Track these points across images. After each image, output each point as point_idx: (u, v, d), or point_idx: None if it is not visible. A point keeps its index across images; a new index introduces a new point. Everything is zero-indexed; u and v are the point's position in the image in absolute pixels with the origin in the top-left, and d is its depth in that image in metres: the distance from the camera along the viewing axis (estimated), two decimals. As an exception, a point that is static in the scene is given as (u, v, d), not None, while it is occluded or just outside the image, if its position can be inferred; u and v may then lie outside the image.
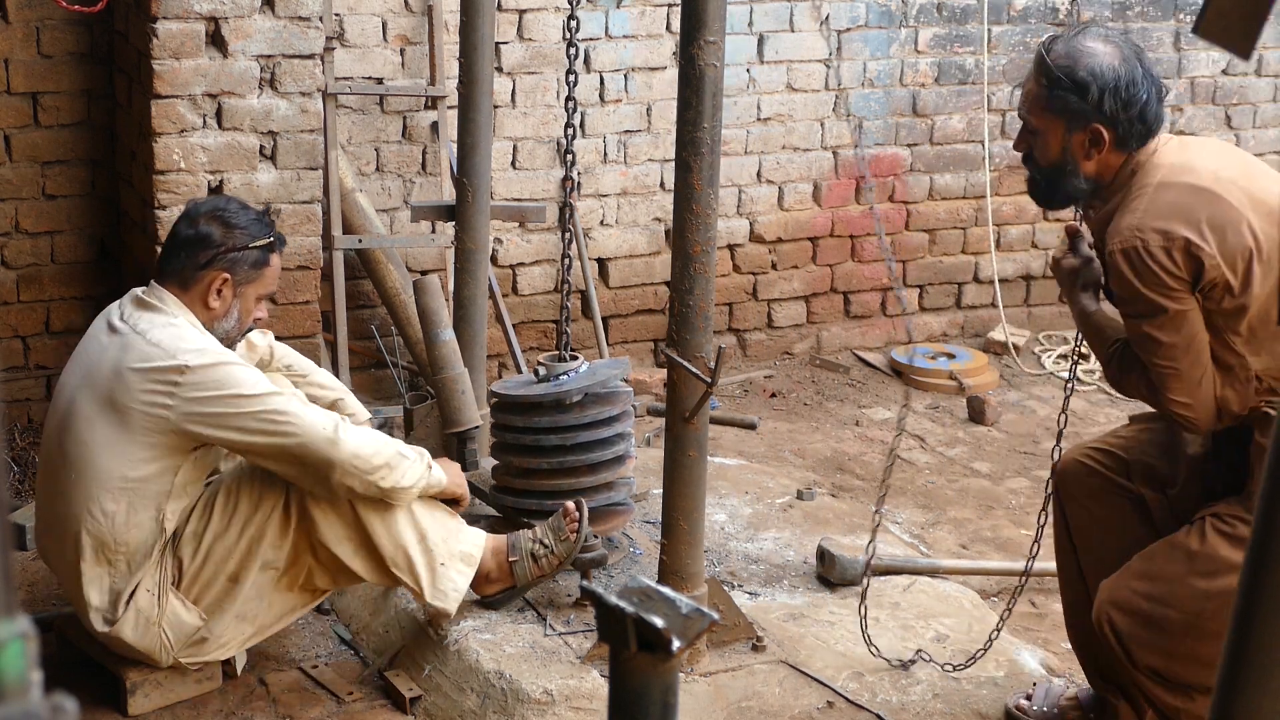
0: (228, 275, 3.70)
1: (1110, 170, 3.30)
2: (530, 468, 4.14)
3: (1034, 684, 3.88)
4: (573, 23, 4.18)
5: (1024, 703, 3.81)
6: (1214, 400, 3.26)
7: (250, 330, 3.85)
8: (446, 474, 3.83)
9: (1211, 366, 3.24)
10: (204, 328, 3.69)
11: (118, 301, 3.76)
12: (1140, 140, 3.26)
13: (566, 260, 4.38)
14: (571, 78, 4.19)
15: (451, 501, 3.87)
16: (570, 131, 4.24)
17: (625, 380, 4.30)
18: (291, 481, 3.67)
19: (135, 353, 3.59)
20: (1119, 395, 6.16)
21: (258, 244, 3.73)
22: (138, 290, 3.73)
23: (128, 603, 3.68)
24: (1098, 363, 6.40)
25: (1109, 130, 3.24)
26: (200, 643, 3.74)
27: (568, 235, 4.44)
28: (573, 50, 4.19)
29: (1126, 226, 3.19)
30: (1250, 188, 3.21)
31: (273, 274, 3.80)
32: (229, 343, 3.73)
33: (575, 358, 4.23)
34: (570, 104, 4.18)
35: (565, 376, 4.14)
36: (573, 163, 4.30)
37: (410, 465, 3.71)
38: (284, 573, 3.74)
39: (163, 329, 3.62)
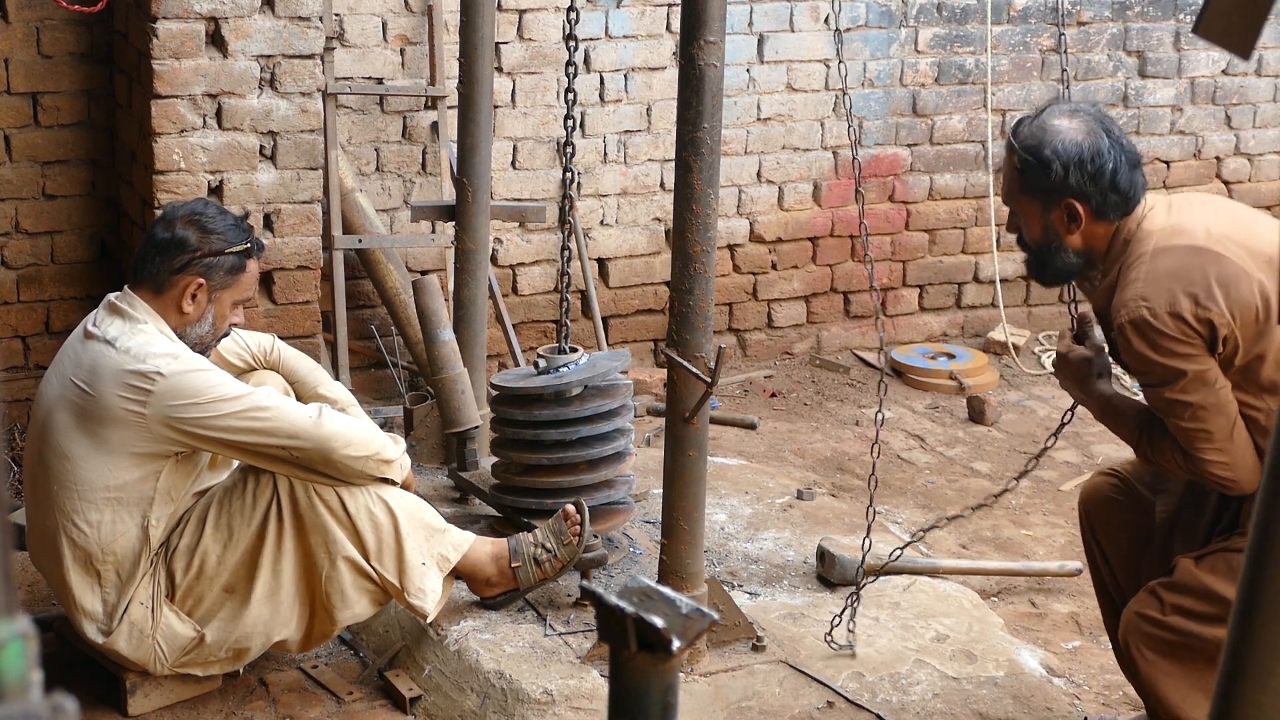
0: (203, 280, 3.67)
1: (1100, 241, 3.31)
2: (530, 463, 4.14)
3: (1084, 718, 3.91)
4: (572, 15, 4.18)
5: None
6: (1252, 456, 3.22)
7: (225, 336, 3.83)
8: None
9: (1241, 421, 3.22)
10: (176, 333, 3.67)
11: (96, 308, 3.75)
12: (1120, 210, 3.27)
13: (566, 253, 4.38)
14: (571, 69, 4.20)
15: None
16: (570, 124, 4.24)
17: (624, 373, 4.30)
18: (294, 476, 3.66)
19: (106, 361, 3.57)
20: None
21: (234, 249, 3.70)
22: (112, 296, 3.71)
23: (122, 616, 3.68)
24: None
25: (1082, 204, 3.26)
26: (197, 648, 3.73)
27: (567, 228, 4.44)
28: (572, 43, 4.19)
29: (1130, 298, 3.18)
30: (1246, 240, 3.21)
31: (249, 280, 3.77)
32: (203, 348, 3.71)
33: (574, 350, 4.23)
34: (570, 96, 4.19)
35: (565, 369, 4.14)
36: (572, 155, 4.29)
37: (390, 439, 3.76)
38: (286, 588, 3.73)
39: (131, 336, 3.60)
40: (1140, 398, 3.43)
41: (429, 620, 3.81)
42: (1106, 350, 3.43)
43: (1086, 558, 3.79)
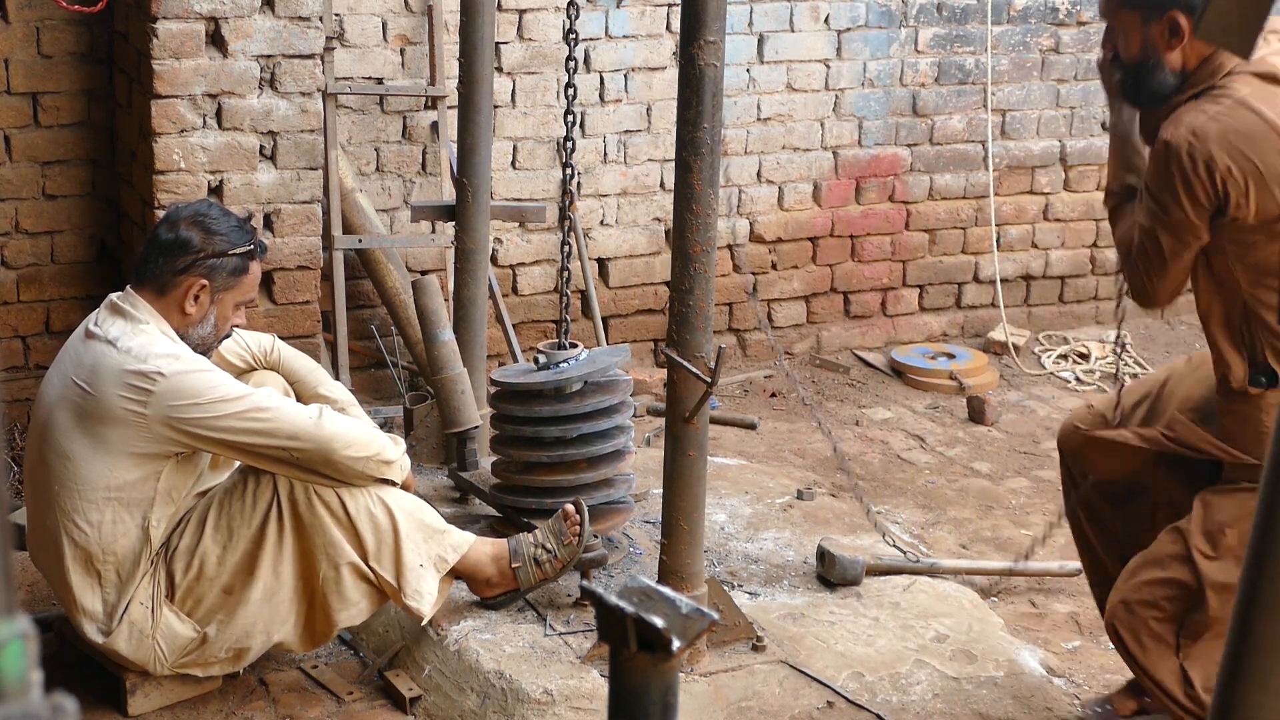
0: (205, 281, 3.68)
1: (1197, 58, 3.23)
2: (530, 461, 4.14)
3: (1083, 709, 3.92)
4: (572, 10, 4.18)
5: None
6: (1171, 295, 3.31)
7: (227, 337, 3.83)
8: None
9: (1181, 271, 3.27)
10: (178, 334, 3.67)
11: (98, 308, 3.75)
12: None
13: (566, 248, 4.38)
14: (572, 65, 4.20)
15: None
16: (570, 120, 4.24)
17: (623, 369, 4.30)
18: (295, 477, 3.66)
19: (107, 361, 3.57)
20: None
21: (237, 251, 3.71)
22: (114, 296, 3.71)
23: (122, 616, 3.68)
24: (1100, 364, 6.40)
25: (1186, 16, 3.18)
26: (197, 649, 3.73)
27: (567, 224, 4.44)
28: (573, 37, 4.19)
29: (1187, 124, 3.14)
30: None
31: (252, 281, 3.78)
32: (204, 349, 3.72)
33: (574, 346, 4.23)
34: (570, 91, 4.19)
35: (565, 364, 4.14)
36: (572, 150, 4.28)
37: (390, 440, 3.76)
38: (286, 589, 3.73)
39: (133, 337, 3.60)
40: None
41: (424, 622, 3.82)
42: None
43: (1065, 503, 3.83)
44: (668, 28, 5.89)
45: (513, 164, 5.79)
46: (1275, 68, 3.23)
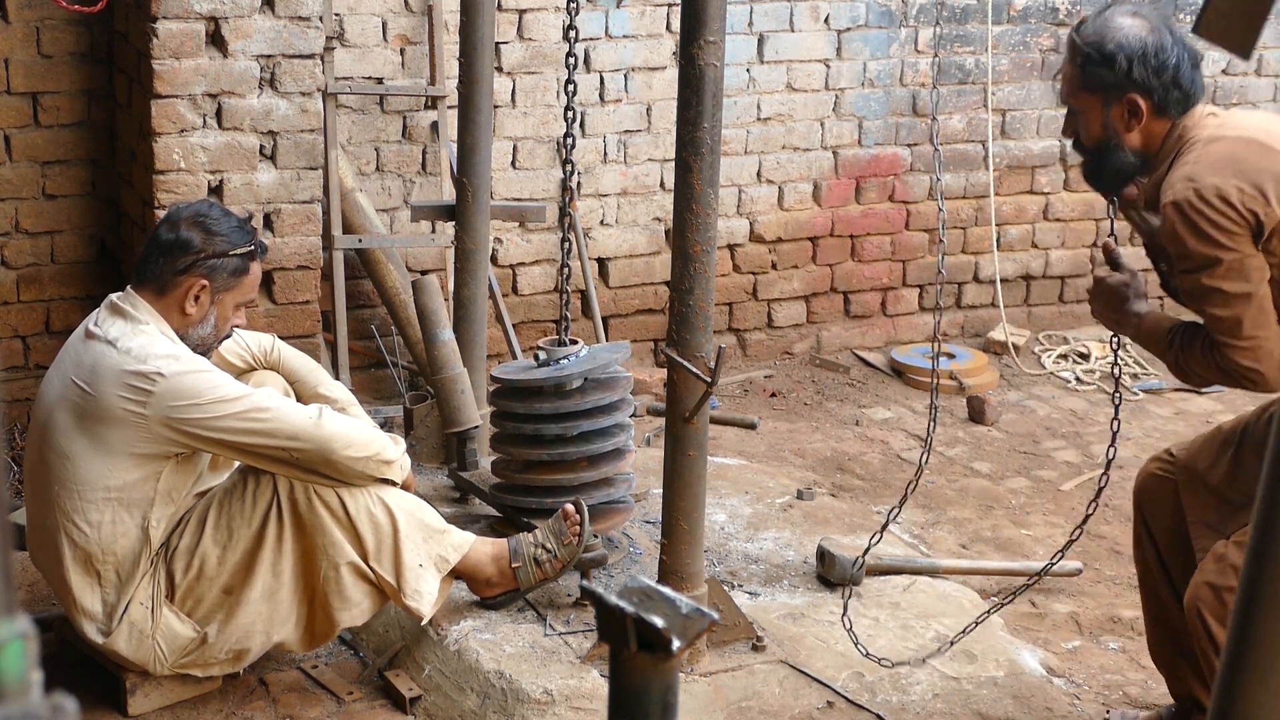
0: (206, 282, 3.68)
1: (1156, 139, 3.32)
2: (530, 459, 4.14)
3: (1107, 712, 3.88)
4: (573, 5, 4.17)
5: None
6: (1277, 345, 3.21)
7: (227, 337, 3.83)
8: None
9: (1275, 315, 3.20)
10: (178, 334, 3.68)
11: (98, 308, 3.75)
12: (1180, 106, 3.29)
13: (566, 244, 4.38)
14: (572, 60, 4.20)
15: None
16: (570, 115, 4.23)
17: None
18: (294, 477, 3.66)
19: (107, 362, 3.57)
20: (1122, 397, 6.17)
21: (238, 251, 3.71)
22: (114, 296, 3.71)
23: (122, 616, 3.68)
24: (1100, 364, 6.41)
25: (1145, 98, 3.28)
26: (197, 649, 3.73)
27: (567, 220, 4.44)
28: (573, 33, 4.19)
29: (1179, 178, 3.18)
30: None
31: (252, 282, 3.78)
32: (204, 349, 3.72)
33: (574, 343, 4.23)
34: (571, 87, 4.18)
35: (565, 360, 4.14)
36: (572, 146, 4.28)
37: (390, 440, 3.76)
38: (286, 589, 3.73)
39: (133, 337, 3.60)
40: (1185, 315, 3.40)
41: (424, 622, 3.82)
42: (1138, 275, 3.42)
43: (1135, 550, 3.73)
44: (668, 28, 5.89)
45: (513, 164, 5.79)
46: (1232, 118, 3.33)
